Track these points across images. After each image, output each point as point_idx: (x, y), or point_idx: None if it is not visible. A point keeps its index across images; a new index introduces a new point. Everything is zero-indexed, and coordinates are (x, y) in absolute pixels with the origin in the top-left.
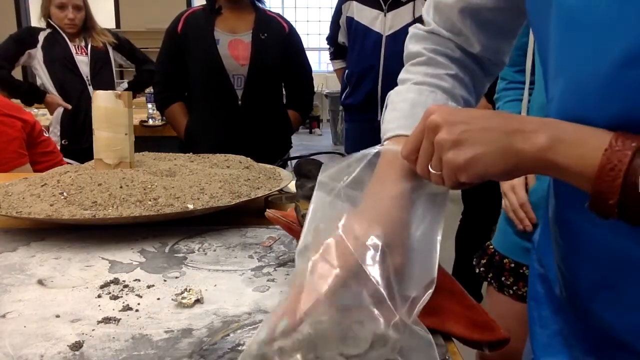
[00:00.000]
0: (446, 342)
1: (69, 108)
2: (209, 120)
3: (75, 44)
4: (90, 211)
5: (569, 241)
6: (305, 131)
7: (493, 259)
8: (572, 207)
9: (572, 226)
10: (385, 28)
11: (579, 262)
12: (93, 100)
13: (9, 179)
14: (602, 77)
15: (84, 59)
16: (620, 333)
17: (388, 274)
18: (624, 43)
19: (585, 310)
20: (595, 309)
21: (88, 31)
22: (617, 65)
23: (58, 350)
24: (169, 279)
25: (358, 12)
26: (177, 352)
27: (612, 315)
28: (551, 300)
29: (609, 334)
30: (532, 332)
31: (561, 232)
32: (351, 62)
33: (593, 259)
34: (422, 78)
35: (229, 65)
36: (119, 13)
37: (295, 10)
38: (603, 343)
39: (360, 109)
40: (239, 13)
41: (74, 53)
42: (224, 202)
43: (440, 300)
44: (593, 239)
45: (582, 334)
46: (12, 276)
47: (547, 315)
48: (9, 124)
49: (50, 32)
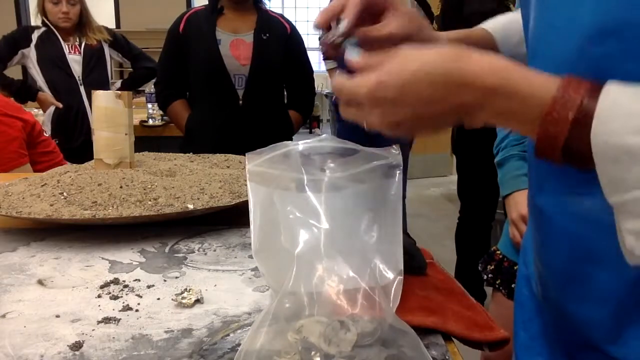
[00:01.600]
0: (446, 342)
1: (60, 107)
2: (210, 120)
3: (69, 43)
4: (90, 211)
5: (543, 232)
6: (305, 131)
7: (502, 265)
8: (541, 192)
9: (544, 215)
10: None
11: (552, 255)
12: (93, 100)
13: (9, 179)
14: (570, 55)
15: (76, 58)
16: (589, 330)
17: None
18: (591, 18)
19: (559, 307)
20: (567, 305)
21: (83, 28)
22: (584, 41)
23: (58, 350)
24: (169, 279)
25: None
26: (177, 352)
27: (582, 310)
28: (533, 301)
29: (582, 333)
30: (516, 334)
31: (536, 223)
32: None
33: (564, 251)
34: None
35: (231, 65)
36: (119, 13)
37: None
38: (577, 344)
39: None
40: (241, 13)
41: (66, 52)
42: (224, 202)
43: (440, 300)
44: (563, 230)
45: (558, 336)
46: (12, 276)
47: (529, 317)
48: (9, 123)
49: (45, 30)
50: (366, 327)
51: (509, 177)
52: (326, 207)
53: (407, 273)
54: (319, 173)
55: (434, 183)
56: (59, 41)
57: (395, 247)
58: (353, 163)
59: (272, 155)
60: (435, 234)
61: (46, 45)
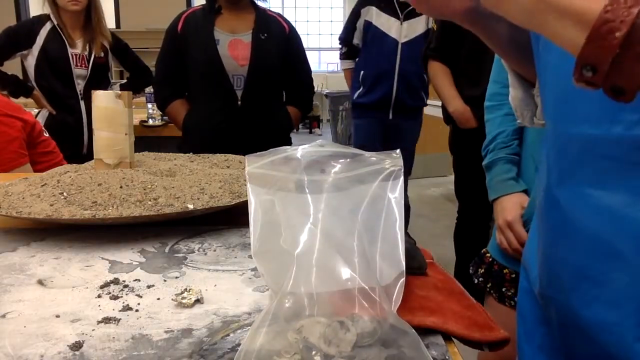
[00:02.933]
0: (446, 342)
1: (53, 112)
2: (208, 120)
3: (76, 50)
4: (90, 211)
5: (558, 227)
6: (305, 131)
7: (492, 269)
8: (562, 184)
9: (562, 208)
10: (401, 36)
11: (566, 251)
12: (93, 100)
13: (9, 179)
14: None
15: (82, 73)
16: (597, 334)
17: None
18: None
19: (567, 310)
20: (574, 305)
21: (92, 29)
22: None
23: (58, 350)
24: (169, 279)
25: (377, 18)
26: (177, 352)
27: (593, 313)
28: (535, 314)
29: (590, 338)
30: (519, 347)
31: (549, 216)
32: (366, 64)
33: (578, 245)
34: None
35: (229, 65)
36: (119, 13)
37: (295, 10)
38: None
39: (373, 108)
40: (239, 13)
41: (72, 66)
42: (224, 202)
43: (440, 300)
44: (581, 224)
45: (562, 344)
46: (12, 276)
47: (531, 329)
48: (9, 124)
49: (51, 29)
50: (366, 327)
51: (497, 181)
52: (326, 208)
53: (407, 273)
54: (319, 174)
55: (434, 183)
56: (65, 49)
57: (396, 248)
58: (354, 165)
59: (272, 158)
60: (435, 234)
61: (50, 51)
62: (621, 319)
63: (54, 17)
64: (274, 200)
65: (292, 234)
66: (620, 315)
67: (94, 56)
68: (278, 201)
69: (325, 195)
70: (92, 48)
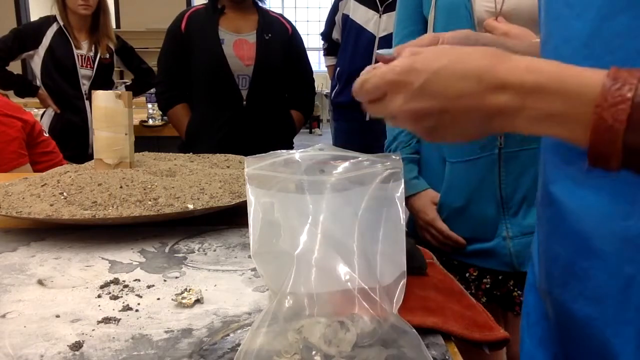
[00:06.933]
0: (446, 342)
1: (57, 111)
2: (213, 120)
3: (81, 51)
4: (90, 211)
5: (550, 221)
6: (305, 131)
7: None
8: (554, 181)
9: (554, 203)
10: (379, 30)
11: (556, 245)
12: (93, 100)
13: (9, 179)
14: (585, 32)
15: (87, 73)
16: (582, 328)
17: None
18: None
19: (558, 304)
20: (566, 300)
21: (98, 31)
22: (599, 18)
23: (58, 350)
24: (169, 279)
25: (354, 11)
26: (177, 352)
27: (579, 308)
28: (539, 308)
29: (577, 333)
30: (522, 340)
31: (545, 212)
32: (343, 61)
33: (568, 242)
34: None
35: (234, 65)
36: (119, 13)
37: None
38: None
39: (350, 107)
40: (242, 13)
41: (78, 66)
42: (224, 202)
43: (440, 300)
44: (569, 219)
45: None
46: (12, 276)
47: (534, 323)
48: (8, 124)
49: (58, 29)
50: (366, 327)
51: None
52: (327, 209)
53: (407, 273)
54: (319, 175)
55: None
56: (71, 49)
57: (397, 249)
58: (354, 166)
59: (271, 161)
60: None
61: (56, 54)
62: (601, 315)
63: (60, 18)
64: (274, 201)
65: (291, 234)
66: (600, 310)
67: (99, 57)
68: (278, 202)
69: (326, 196)
70: (97, 49)
